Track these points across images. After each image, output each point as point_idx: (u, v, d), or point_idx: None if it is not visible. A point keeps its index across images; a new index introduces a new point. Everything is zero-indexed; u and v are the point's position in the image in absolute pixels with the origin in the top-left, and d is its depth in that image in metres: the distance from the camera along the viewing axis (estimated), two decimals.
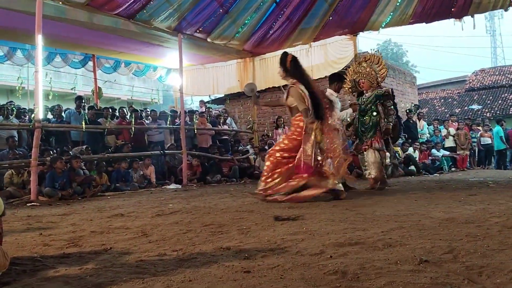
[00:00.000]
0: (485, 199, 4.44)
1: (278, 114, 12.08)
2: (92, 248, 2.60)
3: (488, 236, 2.46)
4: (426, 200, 4.57)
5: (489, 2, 8.62)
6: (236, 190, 7.35)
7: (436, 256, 2.05)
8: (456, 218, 3.18)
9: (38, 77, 6.62)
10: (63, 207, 5.54)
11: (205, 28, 9.45)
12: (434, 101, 26.06)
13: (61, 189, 6.72)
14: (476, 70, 28.46)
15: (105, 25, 8.21)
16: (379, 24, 9.70)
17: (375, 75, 6.47)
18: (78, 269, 2.06)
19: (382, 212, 3.72)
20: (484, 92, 24.85)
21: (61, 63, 11.07)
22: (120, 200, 6.17)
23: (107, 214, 4.45)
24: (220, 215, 3.94)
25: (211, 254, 2.29)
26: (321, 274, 1.82)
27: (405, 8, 9.20)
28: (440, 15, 9.18)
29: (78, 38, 9.43)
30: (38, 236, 3.12)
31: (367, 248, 2.30)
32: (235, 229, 3.09)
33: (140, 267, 2.07)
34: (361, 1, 9.35)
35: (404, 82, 13.86)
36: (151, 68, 12.64)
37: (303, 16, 9.89)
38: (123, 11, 7.89)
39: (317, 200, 4.85)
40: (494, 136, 14.06)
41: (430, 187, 6.48)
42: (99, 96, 11.43)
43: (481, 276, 1.72)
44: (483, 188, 5.99)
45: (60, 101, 14.49)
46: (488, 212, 3.42)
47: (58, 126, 8.84)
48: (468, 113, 22.21)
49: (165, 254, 2.33)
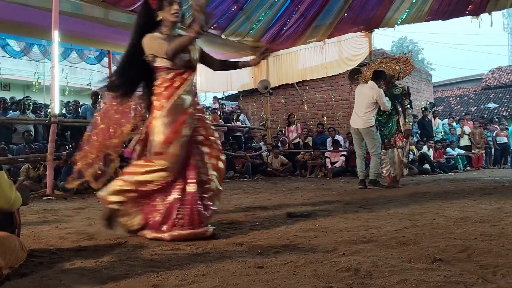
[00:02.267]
0: (501, 198, 4.40)
1: (291, 111, 12.06)
2: (107, 241, 2.63)
3: (503, 236, 2.44)
4: (441, 199, 4.54)
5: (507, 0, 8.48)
6: (249, 186, 7.36)
7: (450, 255, 2.04)
8: (470, 217, 3.15)
9: (54, 72, 6.69)
10: (78, 201, 5.61)
11: (219, 24, 9.46)
12: (450, 99, 25.73)
13: None
14: (493, 68, 28.00)
15: (120, 21, 8.26)
16: (395, 21, 9.61)
17: (398, 71, 6.46)
18: (94, 262, 2.09)
19: (395, 210, 3.70)
20: (501, 91, 24.46)
21: (77, 58, 11.21)
22: None
23: None
24: (233, 211, 3.95)
25: (224, 250, 2.31)
26: (333, 271, 1.82)
27: (421, 5, 9.10)
28: (457, 12, 9.06)
29: (94, 34, 9.50)
30: (54, 229, 3.17)
31: (380, 246, 2.29)
32: (248, 225, 3.10)
33: (154, 260, 2.10)
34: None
35: (419, 80, 13.71)
36: None
37: (317, 12, 9.83)
38: (138, 7, 7.92)
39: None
40: (510, 135, 13.84)
41: (444, 186, 6.42)
42: None
43: (495, 275, 1.71)
44: (499, 187, 5.92)
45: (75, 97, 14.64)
46: (503, 212, 3.39)
47: (74, 121, 8.95)
48: (484, 112, 21.89)
49: (179, 249, 2.36)
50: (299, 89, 12.21)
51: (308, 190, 6.14)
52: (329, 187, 6.79)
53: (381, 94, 6.06)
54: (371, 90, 6.11)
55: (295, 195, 5.46)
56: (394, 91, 6.40)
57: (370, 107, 6.09)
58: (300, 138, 11.41)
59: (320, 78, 11.52)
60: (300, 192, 5.86)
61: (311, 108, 12.10)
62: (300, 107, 12.28)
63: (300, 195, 5.50)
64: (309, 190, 6.24)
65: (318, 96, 11.97)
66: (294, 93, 12.41)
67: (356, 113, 6.27)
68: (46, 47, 10.14)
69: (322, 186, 6.89)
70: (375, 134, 6.14)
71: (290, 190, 6.30)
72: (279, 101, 12.49)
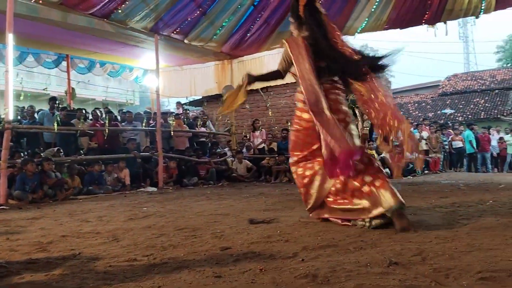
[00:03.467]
0: (456, 201, 4.54)
1: (256, 117, 12.10)
2: (60, 253, 2.54)
3: (457, 238, 2.51)
4: None
5: (460, 10, 8.84)
6: (213, 192, 7.31)
7: (406, 258, 2.08)
8: (426, 220, 3.23)
9: (8, 77, 6.45)
10: (33, 210, 5.40)
11: (183, 29, 9.39)
12: (408, 105, 26.54)
13: (32, 192, 6.55)
14: (449, 75, 29.16)
15: (79, 25, 8.07)
16: (355, 30, 9.83)
17: None
18: (45, 275, 2.01)
19: None
20: (457, 97, 25.47)
21: (33, 63, 10.82)
22: (93, 203, 6.05)
23: (78, 218, 4.36)
24: (194, 219, 3.90)
25: (183, 259, 2.27)
26: (292, 278, 1.82)
27: (380, 14, 9.35)
28: (414, 21, 9.37)
29: (51, 38, 9.24)
30: (5, 240, 3.03)
31: (339, 250, 2.31)
32: (209, 233, 3.06)
33: (108, 273, 2.03)
34: (337, 6, 9.44)
35: None
36: (127, 69, 12.48)
37: (280, 19, 9.92)
38: (97, 10, 7.76)
39: None
40: (465, 140, 14.40)
41: (403, 190, 6.56)
42: (72, 97, 11.22)
43: (448, 278, 1.75)
44: (454, 190, 6.12)
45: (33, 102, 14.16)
46: (457, 214, 3.50)
47: (29, 127, 8.63)
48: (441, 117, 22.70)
49: (136, 260, 2.30)
50: (263, 94, 12.27)
51: (272, 196, 6.15)
52: (293, 192, 6.82)
53: None
54: None
55: (259, 201, 5.46)
56: (353, 96, 6.54)
57: None
58: (265, 143, 11.46)
59: (284, 84, 11.60)
60: (264, 198, 5.86)
61: (275, 113, 12.19)
62: (264, 112, 12.34)
63: (264, 200, 5.50)
64: (273, 195, 6.25)
65: (283, 101, 12.07)
66: (258, 99, 12.46)
67: None
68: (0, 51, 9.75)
69: (286, 191, 6.92)
70: None
71: (254, 195, 6.29)
72: (244, 107, 12.49)
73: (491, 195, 5.07)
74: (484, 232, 2.66)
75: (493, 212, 3.60)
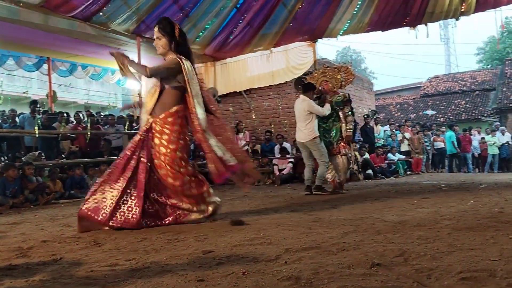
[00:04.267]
0: (437, 202, 4.61)
1: (239, 119, 12.09)
2: (41, 258, 2.50)
3: (438, 239, 2.54)
4: (381, 204, 4.69)
5: (441, 12, 9.00)
6: None
7: (388, 259, 2.09)
8: (408, 221, 3.27)
9: None
10: (14, 215, 5.31)
11: None
12: (391, 107, 26.83)
13: (12, 197, 6.44)
14: (431, 77, 29.55)
15: (60, 27, 7.96)
16: (337, 32, 9.93)
17: (340, 80, 6.66)
18: (25, 281, 1.97)
19: (338, 216, 3.78)
20: (438, 98, 25.81)
21: (14, 65, 10.68)
22: (75, 208, 5.93)
23: (59, 222, 4.30)
24: None
25: (165, 263, 2.25)
26: (274, 281, 1.82)
27: (362, 17, 9.46)
28: (395, 23, 9.51)
29: (32, 40, 9.10)
30: None
31: (321, 252, 2.32)
32: (192, 236, 3.05)
33: (89, 278, 2.00)
34: (319, 8, 9.53)
35: (362, 88, 14.20)
36: (109, 72, 12.36)
37: (263, 22, 9.95)
38: (79, 13, 7.68)
39: None
40: (446, 141, 14.61)
41: (385, 191, 6.66)
42: (53, 100, 11.07)
43: (429, 278, 1.77)
44: (436, 191, 6.20)
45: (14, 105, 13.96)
46: (439, 215, 3.55)
47: (9, 131, 8.49)
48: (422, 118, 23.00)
49: (117, 264, 2.27)
50: (246, 97, 12.27)
51: (255, 198, 6.15)
52: (277, 194, 6.85)
53: (311, 103, 6.25)
54: (302, 103, 6.32)
55: (243, 203, 5.46)
56: (336, 98, 6.60)
57: (307, 119, 6.27)
58: (249, 145, 11.45)
59: (267, 86, 11.64)
60: (247, 200, 5.86)
61: (259, 115, 12.19)
62: (248, 114, 12.33)
63: (248, 203, 5.50)
64: (257, 197, 6.25)
65: (266, 104, 12.08)
66: (242, 101, 12.45)
67: (298, 127, 6.44)
68: None
69: (270, 193, 6.94)
70: (320, 144, 6.31)
71: (238, 198, 6.28)
72: (227, 109, 12.46)
73: (472, 195, 5.16)
74: (465, 233, 2.70)
75: (474, 212, 3.66)
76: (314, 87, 6.53)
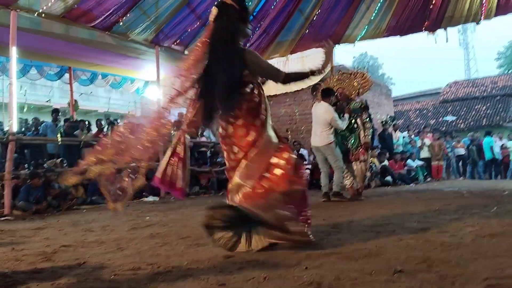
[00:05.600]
0: (459, 208, 4.52)
1: None
2: (65, 262, 2.54)
3: (462, 246, 2.50)
4: (402, 210, 4.63)
5: (461, 16, 8.90)
6: (214, 202, 7.29)
7: (411, 266, 2.07)
8: (430, 227, 3.22)
9: (12, 89, 6.52)
10: (37, 221, 5.41)
11: (183, 40, 9.46)
12: (410, 113, 26.55)
13: (36, 203, 6.56)
14: (450, 82, 29.16)
15: (81, 37, 8.14)
16: (355, 37, 9.90)
17: (357, 87, 6.63)
18: (50, 284, 2.01)
19: (358, 223, 3.75)
20: (458, 104, 25.45)
21: (36, 75, 10.92)
22: (96, 213, 6.06)
23: (82, 227, 4.36)
24: (197, 228, 3.87)
25: (187, 268, 2.27)
26: (296, 286, 1.82)
27: (380, 22, 9.43)
28: (414, 28, 9.44)
29: (54, 50, 9.31)
30: (10, 251, 3.04)
31: (343, 258, 2.30)
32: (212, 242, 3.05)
33: (113, 281, 2.03)
34: (336, 14, 9.53)
35: (380, 94, 14.12)
36: (129, 80, 12.54)
37: (280, 29, 10.00)
38: (99, 23, 7.84)
39: None
40: (485, 147, 14.44)
41: (405, 197, 6.57)
42: (75, 108, 11.28)
43: (454, 285, 1.74)
44: (458, 198, 6.10)
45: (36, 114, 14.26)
46: (462, 222, 3.49)
47: (33, 138, 8.68)
48: (443, 124, 22.69)
49: (140, 268, 2.29)
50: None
51: None
52: None
53: (335, 118, 6.17)
54: (326, 113, 6.22)
55: None
56: (353, 105, 6.58)
57: (326, 127, 6.23)
58: None
59: (284, 93, 11.66)
60: None
61: (276, 122, 12.18)
62: None
63: None
64: None
65: (283, 111, 12.10)
66: None
67: (314, 132, 6.41)
68: (4, 64, 9.83)
69: None
70: (335, 149, 6.27)
71: None
72: None
73: (495, 202, 5.06)
74: (489, 239, 2.65)
75: (497, 219, 3.59)
76: (333, 92, 6.50)
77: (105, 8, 7.58)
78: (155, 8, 8.18)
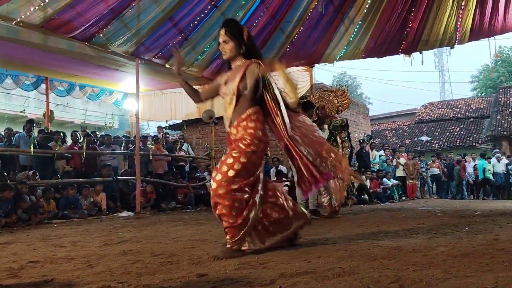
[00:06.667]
0: (432, 228, 4.59)
1: None
2: (32, 279, 2.46)
3: (433, 265, 2.52)
4: (377, 229, 4.67)
5: (436, 40, 9.18)
6: (191, 217, 7.23)
7: (383, 285, 2.07)
8: (403, 247, 3.25)
9: None
10: (5, 235, 5.24)
11: (164, 54, 9.43)
12: (386, 132, 27.02)
13: (5, 216, 6.37)
14: (425, 104, 29.90)
15: (59, 48, 8.02)
16: (334, 57, 10.08)
17: (337, 105, 6.73)
18: None
19: (333, 241, 3.76)
20: (433, 124, 26.06)
21: (12, 84, 10.70)
22: (68, 228, 5.91)
23: (52, 243, 4.24)
24: (171, 244, 3.84)
25: (158, 286, 2.22)
26: None
27: (358, 43, 9.64)
28: (391, 50, 9.68)
29: (31, 60, 9.17)
30: None
31: (317, 277, 2.30)
32: (186, 259, 3.02)
33: None
34: (317, 34, 9.69)
35: (357, 113, 14.34)
36: (107, 92, 12.41)
37: (261, 46, 10.07)
38: (79, 34, 7.76)
39: None
40: (479, 169, 14.88)
41: (380, 216, 6.64)
42: (50, 119, 11.07)
43: None
44: (431, 217, 6.19)
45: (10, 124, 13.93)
46: (434, 241, 3.53)
47: (4, 150, 8.46)
48: (417, 144, 23.14)
49: (109, 287, 2.23)
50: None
51: None
52: None
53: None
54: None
55: None
56: (334, 122, 6.67)
57: None
58: None
59: None
60: None
61: None
62: None
63: None
64: None
65: None
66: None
67: None
68: None
69: None
70: None
71: None
72: (224, 131, 12.44)
73: (467, 222, 5.15)
74: (460, 259, 2.68)
75: (469, 239, 3.65)
76: (313, 105, 6.57)
77: (86, 19, 7.51)
78: (136, 21, 8.15)
